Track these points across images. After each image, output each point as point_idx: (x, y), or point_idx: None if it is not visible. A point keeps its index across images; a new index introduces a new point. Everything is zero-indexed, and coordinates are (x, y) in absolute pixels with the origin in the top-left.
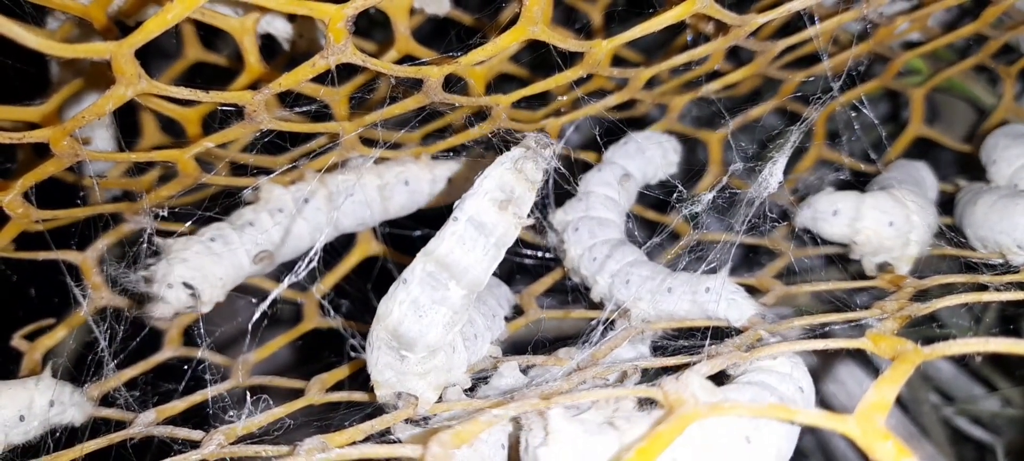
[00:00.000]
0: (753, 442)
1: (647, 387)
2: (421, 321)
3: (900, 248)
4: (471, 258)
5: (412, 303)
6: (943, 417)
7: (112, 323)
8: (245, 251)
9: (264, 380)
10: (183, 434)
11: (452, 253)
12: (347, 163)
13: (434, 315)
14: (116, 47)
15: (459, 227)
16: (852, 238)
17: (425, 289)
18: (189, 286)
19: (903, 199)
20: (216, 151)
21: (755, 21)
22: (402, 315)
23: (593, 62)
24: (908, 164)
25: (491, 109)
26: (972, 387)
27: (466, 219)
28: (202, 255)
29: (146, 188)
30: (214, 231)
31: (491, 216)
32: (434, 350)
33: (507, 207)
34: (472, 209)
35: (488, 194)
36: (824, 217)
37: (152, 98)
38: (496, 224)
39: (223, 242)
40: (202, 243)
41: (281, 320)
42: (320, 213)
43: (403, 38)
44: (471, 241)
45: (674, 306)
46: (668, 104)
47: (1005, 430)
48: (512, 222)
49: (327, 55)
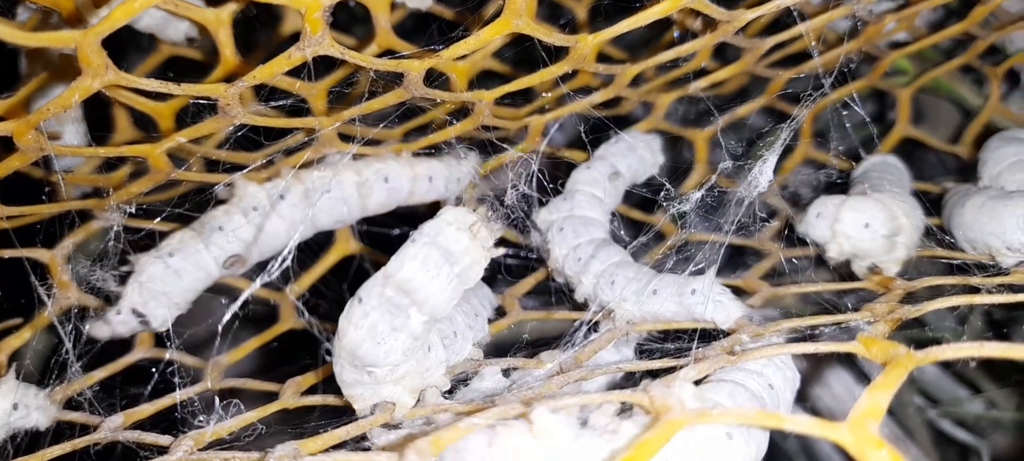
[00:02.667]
0: (735, 438)
1: (633, 392)
2: (379, 348)
3: (886, 251)
4: (434, 287)
5: (369, 329)
6: (928, 419)
7: (77, 324)
8: (213, 258)
9: (237, 383)
10: (150, 439)
11: (415, 279)
12: (325, 159)
13: (393, 341)
14: (82, 36)
15: (421, 250)
16: (832, 240)
17: (384, 315)
18: (139, 314)
19: (889, 202)
20: (189, 147)
21: (744, 17)
22: (359, 340)
23: (579, 57)
24: (882, 161)
25: (474, 105)
26: (957, 389)
27: (428, 242)
28: (157, 278)
29: (115, 185)
30: (175, 244)
31: (460, 243)
32: (399, 364)
33: (477, 231)
34: (433, 232)
35: (455, 223)
36: (808, 220)
37: (123, 92)
38: (465, 251)
39: (183, 256)
40: (160, 261)
41: (256, 321)
42: (297, 210)
43: (384, 32)
44: (436, 267)
45: (659, 308)
46: (654, 102)
47: (990, 433)
48: (480, 252)
49: (303, 47)
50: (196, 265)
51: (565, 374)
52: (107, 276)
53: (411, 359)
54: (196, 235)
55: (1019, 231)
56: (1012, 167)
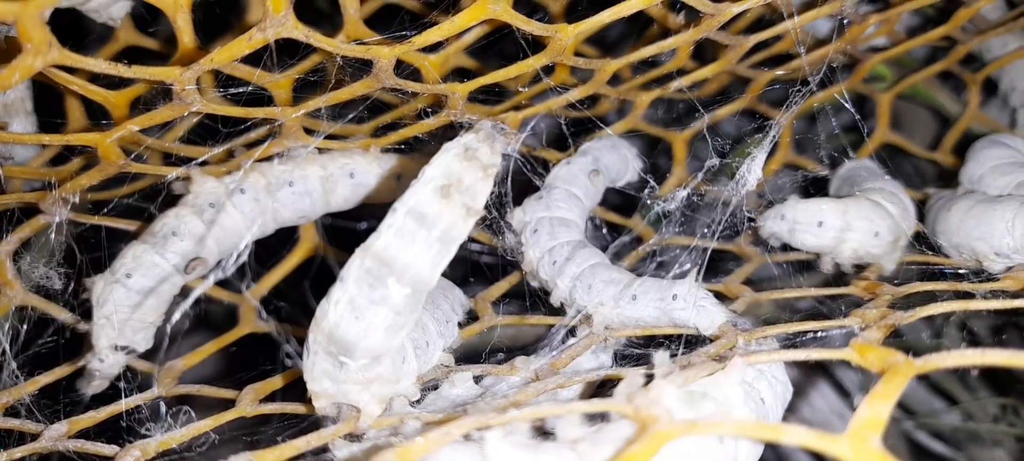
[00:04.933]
0: (725, 441)
1: (614, 402)
2: (359, 323)
3: (888, 253)
4: (411, 253)
5: (349, 303)
6: (903, 431)
7: (15, 324)
8: (173, 266)
9: (192, 389)
10: (94, 449)
11: (390, 247)
12: (288, 153)
13: (373, 317)
14: (21, 8)
15: (397, 219)
16: (836, 248)
17: (362, 288)
18: (120, 347)
19: (886, 205)
20: (143, 139)
21: (730, 10)
22: (339, 317)
23: (558, 49)
24: (861, 165)
25: (447, 98)
26: (933, 401)
27: (405, 211)
28: (122, 304)
29: (64, 178)
30: (130, 263)
31: (433, 206)
32: (378, 357)
33: (451, 194)
34: (412, 199)
35: (431, 182)
36: (807, 228)
37: (74, 80)
38: (439, 215)
39: (142, 273)
40: (119, 286)
41: (214, 323)
42: (258, 204)
43: (352, 22)
44: (410, 234)
45: (639, 313)
46: (633, 101)
47: (967, 444)
48: (459, 213)
49: (265, 27)
50: (157, 278)
51: (541, 381)
52: (52, 274)
53: (390, 348)
54: (148, 248)
55: (1008, 236)
56: (994, 170)
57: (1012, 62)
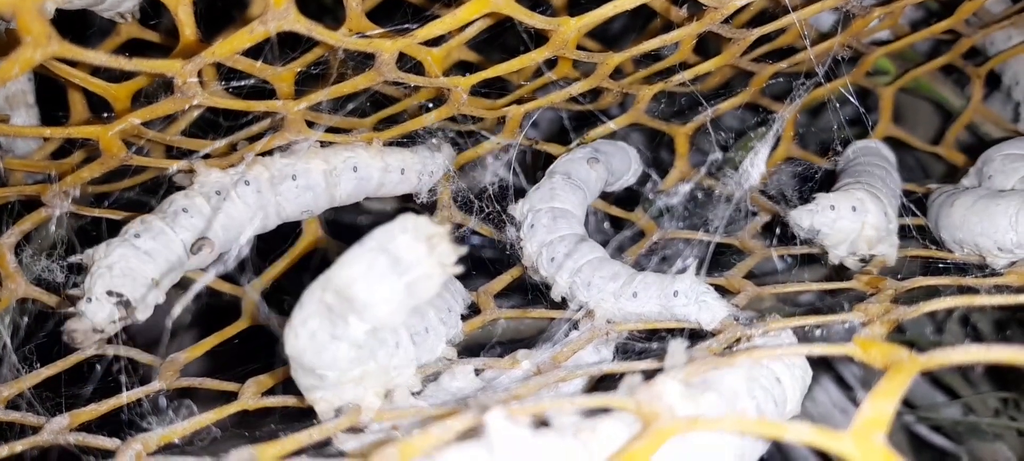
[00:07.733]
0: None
1: (616, 396)
2: (321, 356)
3: (887, 244)
4: (377, 295)
5: (309, 337)
6: (904, 424)
7: (16, 317)
8: (181, 241)
9: (194, 382)
10: (95, 443)
11: (355, 285)
12: (291, 147)
13: (335, 351)
14: (19, 0)
15: (365, 255)
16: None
17: (322, 323)
18: (116, 294)
19: (877, 195)
20: (144, 131)
21: (733, 4)
22: (301, 349)
23: (561, 42)
24: (869, 146)
25: (449, 92)
26: (934, 394)
27: (376, 247)
28: (128, 257)
29: (65, 171)
30: (138, 226)
31: (414, 252)
32: (358, 359)
33: (435, 247)
34: (384, 237)
35: (412, 231)
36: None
37: (76, 73)
38: (416, 263)
39: (151, 236)
40: (125, 242)
41: (217, 316)
42: (262, 197)
43: (355, 15)
44: (380, 276)
45: (641, 307)
46: (636, 94)
47: (967, 438)
48: (436, 271)
49: (267, 21)
50: (165, 246)
51: (543, 375)
52: (54, 267)
53: (363, 364)
54: (157, 218)
55: (1011, 231)
56: (1006, 158)
57: (1016, 56)
